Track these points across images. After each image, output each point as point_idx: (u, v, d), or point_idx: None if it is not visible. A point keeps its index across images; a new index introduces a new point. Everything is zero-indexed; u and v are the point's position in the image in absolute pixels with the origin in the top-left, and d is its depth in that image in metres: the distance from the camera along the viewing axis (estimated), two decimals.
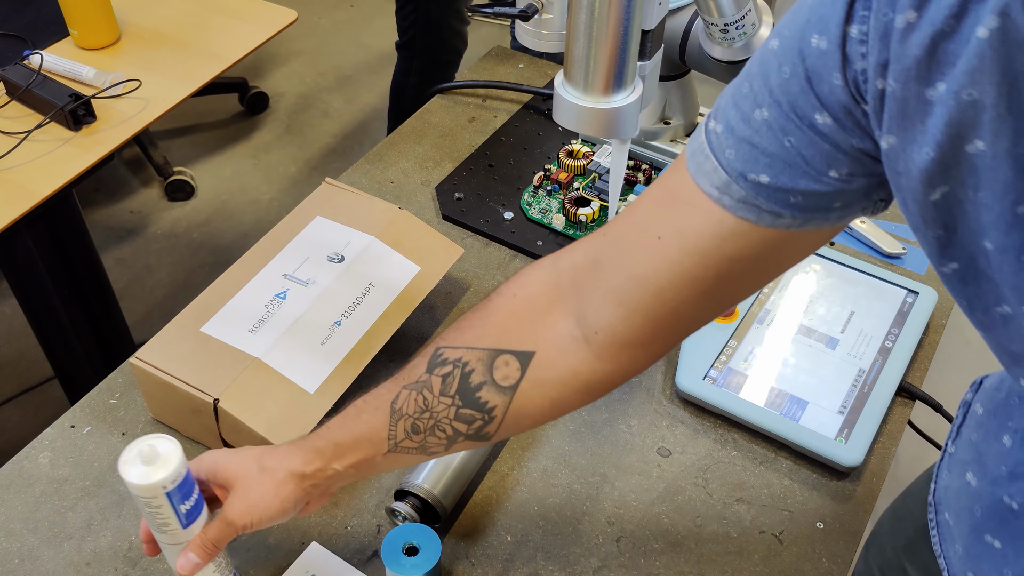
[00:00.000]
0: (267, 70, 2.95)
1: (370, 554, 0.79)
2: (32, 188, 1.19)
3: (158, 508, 0.64)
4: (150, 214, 2.45)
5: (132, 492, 0.63)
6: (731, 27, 0.97)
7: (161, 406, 0.87)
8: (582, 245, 0.63)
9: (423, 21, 1.98)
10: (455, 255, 0.98)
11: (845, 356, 0.93)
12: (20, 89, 1.28)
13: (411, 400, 0.65)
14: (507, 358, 0.63)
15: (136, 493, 0.63)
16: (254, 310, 0.88)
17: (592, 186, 1.14)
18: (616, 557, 0.80)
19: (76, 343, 1.52)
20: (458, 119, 1.28)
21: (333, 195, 1.01)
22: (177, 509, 0.65)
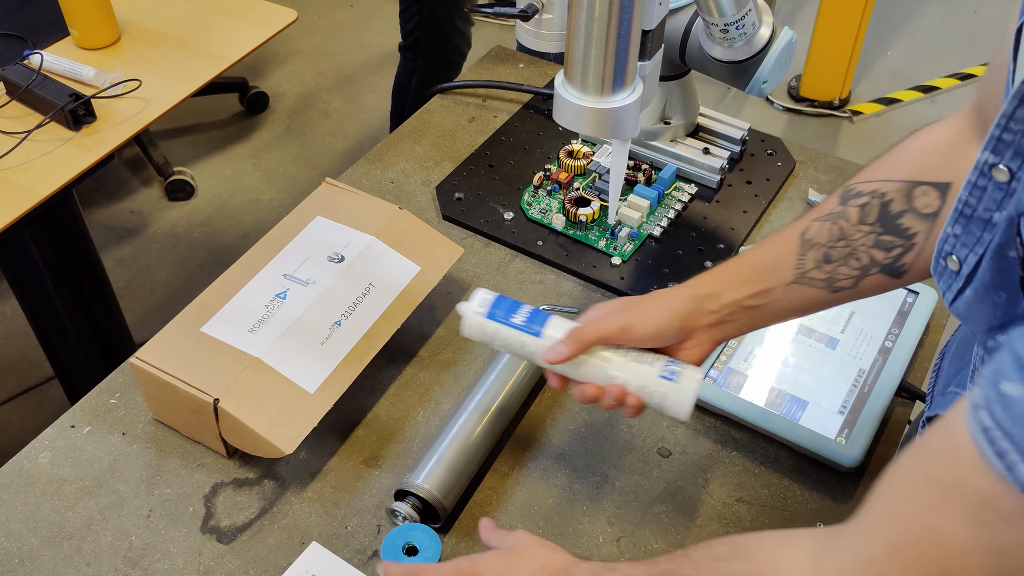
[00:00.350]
0: (267, 70, 2.95)
1: (370, 554, 0.79)
2: (32, 188, 1.19)
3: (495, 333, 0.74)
4: (150, 214, 2.45)
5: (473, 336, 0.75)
6: (731, 27, 0.97)
7: (161, 406, 0.87)
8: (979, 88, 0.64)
9: (428, 23, 1.98)
10: (455, 255, 0.98)
11: (845, 356, 0.93)
12: (20, 89, 1.28)
13: (824, 230, 0.68)
14: (925, 188, 0.65)
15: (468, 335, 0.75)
16: (254, 310, 0.88)
17: (592, 186, 1.14)
18: (616, 557, 0.80)
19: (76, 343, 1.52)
20: (458, 119, 1.28)
21: (333, 195, 1.01)
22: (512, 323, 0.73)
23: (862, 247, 0.67)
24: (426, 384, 0.93)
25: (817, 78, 2.78)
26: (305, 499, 0.83)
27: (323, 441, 0.88)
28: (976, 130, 0.65)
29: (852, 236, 0.67)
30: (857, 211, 0.67)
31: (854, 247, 0.67)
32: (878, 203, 0.67)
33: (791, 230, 0.70)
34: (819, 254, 0.68)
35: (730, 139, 1.18)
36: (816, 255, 0.68)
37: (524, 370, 0.89)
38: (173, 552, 0.79)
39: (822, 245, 0.68)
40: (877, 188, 0.67)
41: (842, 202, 0.68)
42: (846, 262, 0.68)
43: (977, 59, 3.01)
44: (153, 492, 0.83)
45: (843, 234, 0.68)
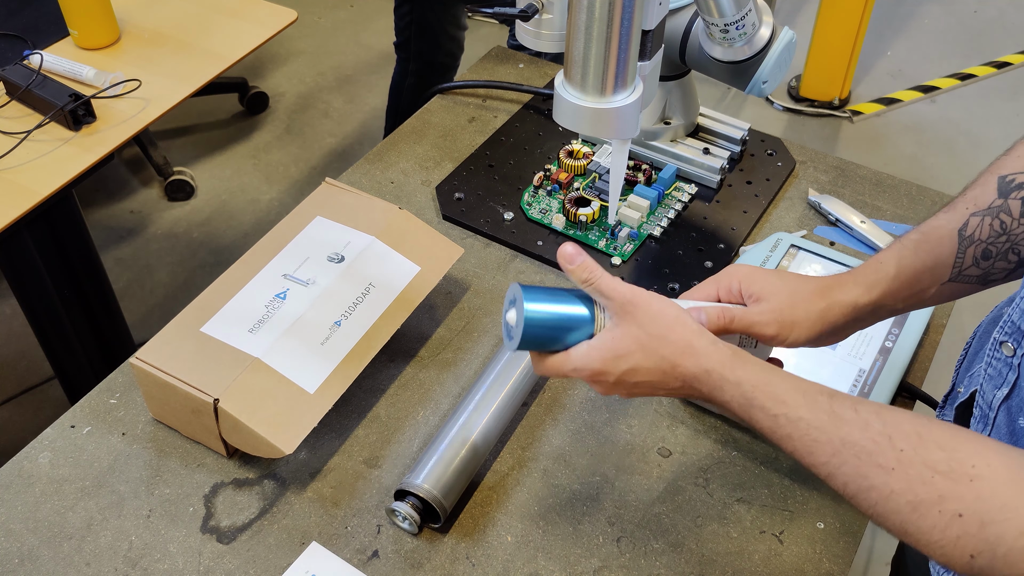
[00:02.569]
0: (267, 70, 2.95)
1: (371, 554, 0.79)
2: (32, 188, 1.19)
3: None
4: (150, 214, 2.45)
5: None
6: (731, 27, 0.97)
7: (161, 406, 0.87)
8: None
9: (418, 23, 1.98)
10: (455, 255, 0.98)
11: (845, 356, 0.93)
12: (20, 89, 1.28)
13: (985, 225, 0.65)
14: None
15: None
16: (254, 310, 0.88)
17: (592, 186, 1.14)
18: (617, 557, 0.80)
19: (76, 343, 1.52)
20: (458, 119, 1.28)
21: (333, 195, 1.01)
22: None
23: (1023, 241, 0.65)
24: (426, 384, 0.94)
25: (817, 78, 2.78)
26: (305, 499, 0.83)
27: (323, 441, 0.88)
28: None
29: (1014, 231, 0.65)
30: (1020, 204, 0.65)
31: (1015, 242, 0.65)
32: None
33: (947, 226, 0.67)
34: (978, 250, 0.66)
35: (730, 139, 1.18)
36: (975, 252, 0.66)
37: (524, 370, 0.89)
38: (173, 552, 0.79)
39: (982, 241, 0.66)
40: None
41: (1002, 194, 0.65)
42: (1004, 257, 0.66)
43: (977, 59, 3.01)
44: (153, 492, 0.83)
45: (1004, 229, 0.65)
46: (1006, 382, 0.62)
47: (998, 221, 0.65)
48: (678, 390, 0.64)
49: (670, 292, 1.02)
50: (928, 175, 2.53)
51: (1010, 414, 0.61)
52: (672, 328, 0.63)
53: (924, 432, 0.55)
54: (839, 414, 0.57)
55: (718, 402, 0.62)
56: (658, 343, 0.63)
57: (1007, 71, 2.97)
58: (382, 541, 0.80)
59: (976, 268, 0.67)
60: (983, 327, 0.80)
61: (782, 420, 0.59)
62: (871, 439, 0.55)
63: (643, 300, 0.64)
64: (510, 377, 0.88)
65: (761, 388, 0.60)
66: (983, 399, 0.65)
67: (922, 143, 2.70)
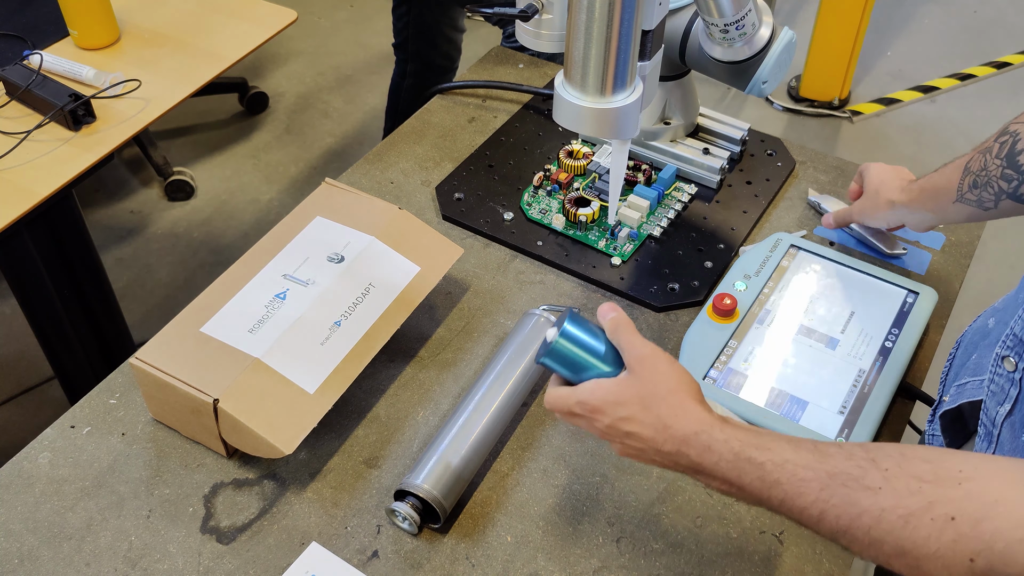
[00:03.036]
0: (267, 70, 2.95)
1: (370, 554, 0.79)
2: (32, 188, 1.19)
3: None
4: (150, 214, 2.45)
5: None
6: (731, 27, 0.97)
7: (161, 406, 0.87)
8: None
9: (416, 24, 1.98)
10: (455, 255, 0.98)
11: (845, 356, 0.93)
12: (20, 89, 1.28)
13: (977, 160, 0.83)
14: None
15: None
16: (254, 310, 0.88)
17: (592, 186, 1.14)
18: (616, 558, 0.80)
19: (76, 343, 1.52)
20: (458, 119, 1.28)
21: (333, 195, 1.01)
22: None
23: (994, 177, 0.81)
24: (426, 384, 0.93)
25: (817, 78, 2.78)
26: (305, 499, 0.83)
27: (323, 441, 0.88)
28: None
29: (990, 168, 0.81)
30: (997, 146, 0.81)
31: (990, 176, 0.81)
32: (1011, 140, 0.80)
33: (964, 159, 0.85)
34: (971, 180, 0.83)
35: (730, 139, 1.18)
36: (970, 180, 0.83)
37: (524, 370, 0.89)
38: (173, 552, 0.79)
39: (973, 172, 0.83)
40: (1018, 129, 0.79)
41: (996, 137, 0.82)
42: (987, 188, 0.82)
43: (977, 59, 3.01)
44: (153, 492, 0.83)
45: (986, 165, 0.82)
46: (1008, 398, 0.62)
47: (983, 158, 0.82)
48: (669, 455, 0.64)
49: (670, 292, 1.02)
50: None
51: (1014, 430, 0.61)
52: (673, 391, 0.65)
53: (907, 450, 0.55)
54: (823, 450, 0.58)
55: (707, 467, 0.62)
56: (656, 402, 0.64)
57: (1007, 71, 2.97)
58: (382, 541, 0.80)
59: (971, 193, 0.84)
60: (967, 337, 0.80)
61: (769, 466, 0.59)
62: (856, 465, 0.56)
63: (651, 360, 0.66)
64: (510, 377, 0.88)
65: (748, 441, 0.61)
66: (986, 416, 0.65)
67: (922, 143, 2.70)
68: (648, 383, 0.65)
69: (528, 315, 0.94)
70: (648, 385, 0.65)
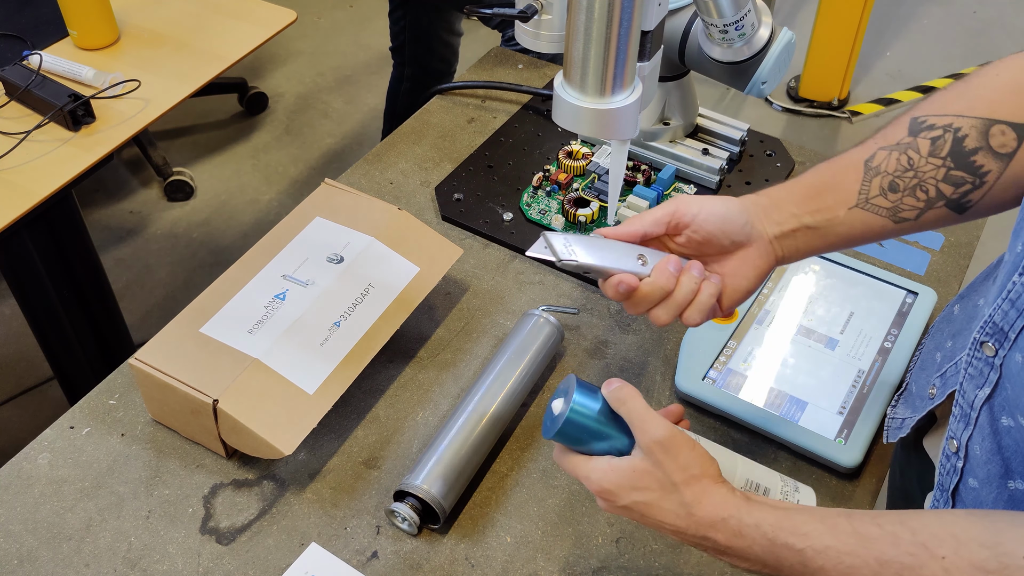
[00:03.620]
0: (266, 70, 2.95)
1: (370, 554, 0.79)
2: (31, 188, 1.19)
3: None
4: (149, 214, 2.45)
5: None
6: (730, 28, 0.97)
7: (160, 407, 0.87)
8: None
9: (412, 29, 1.98)
10: (454, 256, 0.98)
11: (844, 357, 0.93)
12: (19, 89, 1.28)
13: (892, 159, 0.67)
14: (1003, 127, 0.65)
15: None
16: (253, 311, 0.88)
17: (591, 187, 1.14)
18: (616, 558, 0.80)
19: (75, 343, 1.52)
20: (457, 120, 1.28)
21: (332, 196, 1.01)
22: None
23: (931, 180, 0.67)
24: (425, 385, 0.94)
25: (816, 79, 2.78)
26: (304, 500, 0.83)
27: (322, 442, 0.88)
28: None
29: (921, 168, 0.67)
30: (928, 144, 0.67)
31: (922, 179, 0.67)
32: (951, 137, 0.66)
33: (853, 156, 0.69)
34: (885, 182, 0.68)
35: (729, 140, 1.18)
36: (882, 183, 0.68)
37: (524, 370, 0.89)
38: (172, 553, 0.79)
39: (888, 174, 0.68)
40: (952, 123, 0.67)
41: (911, 133, 0.68)
42: (912, 193, 0.68)
43: (976, 59, 3.01)
44: (152, 493, 0.83)
45: (912, 165, 0.67)
46: (988, 382, 0.62)
47: (905, 156, 0.67)
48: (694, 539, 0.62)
49: None
50: None
51: (992, 413, 0.62)
52: (696, 477, 0.62)
53: (959, 532, 0.53)
54: (864, 533, 0.56)
55: (738, 550, 0.60)
56: (678, 488, 0.62)
57: None
58: (381, 542, 0.80)
59: (884, 199, 0.68)
60: (934, 328, 0.80)
61: (809, 552, 0.57)
62: (907, 552, 0.53)
63: (674, 446, 0.63)
64: (509, 378, 0.88)
65: (780, 525, 0.59)
66: (963, 399, 0.65)
67: None
68: (668, 470, 0.62)
69: (527, 315, 0.94)
70: (668, 472, 0.62)
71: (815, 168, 0.71)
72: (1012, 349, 0.59)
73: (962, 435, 0.65)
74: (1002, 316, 0.60)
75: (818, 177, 0.70)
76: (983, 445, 0.63)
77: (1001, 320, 0.60)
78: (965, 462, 0.65)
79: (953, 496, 0.66)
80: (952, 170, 0.66)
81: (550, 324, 0.93)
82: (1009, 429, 0.60)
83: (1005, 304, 0.60)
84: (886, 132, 0.69)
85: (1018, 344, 0.58)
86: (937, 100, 0.68)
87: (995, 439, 0.61)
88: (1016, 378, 0.58)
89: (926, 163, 0.67)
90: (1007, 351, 0.60)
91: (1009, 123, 0.65)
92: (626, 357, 0.96)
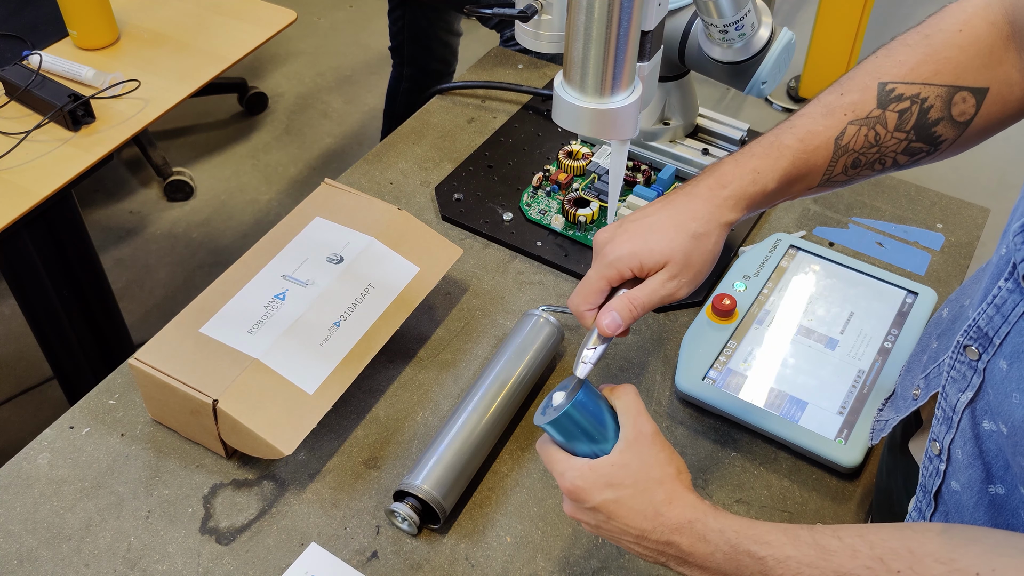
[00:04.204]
0: (266, 70, 2.95)
1: (370, 554, 0.79)
2: (31, 188, 1.19)
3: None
4: (149, 214, 2.45)
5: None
6: (730, 28, 0.97)
7: (160, 407, 0.87)
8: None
9: (411, 29, 1.98)
10: (454, 256, 0.98)
11: (844, 357, 0.93)
12: (19, 89, 1.28)
13: (861, 136, 0.67)
14: (964, 95, 0.66)
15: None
16: (253, 311, 0.88)
17: (591, 187, 1.14)
18: (616, 559, 0.80)
19: (75, 343, 1.52)
20: (457, 120, 1.28)
21: (332, 196, 1.01)
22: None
23: (891, 153, 0.68)
24: (425, 385, 0.93)
25: (816, 79, 2.78)
26: (304, 500, 0.83)
27: (322, 442, 0.88)
28: (1013, 31, 0.66)
29: (886, 142, 0.67)
30: (896, 117, 0.67)
31: (884, 153, 0.68)
32: (918, 109, 0.67)
33: (824, 133, 0.68)
34: (849, 160, 0.68)
35: (729, 140, 1.18)
36: (847, 160, 0.68)
37: (524, 370, 0.89)
38: (172, 553, 0.79)
39: (855, 151, 0.68)
40: (919, 92, 0.67)
41: (880, 104, 0.67)
42: (871, 166, 0.68)
43: None
44: (152, 493, 0.83)
45: (878, 140, 0.67)
46: (971, 386, 0.62)
47: (873, 132, 0.67)
48: (656, 545, 0.62)
49: None
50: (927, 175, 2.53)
51: (974, 417, 0.61)
52: (671, 477, 0.63)
53: (916, 547, 0.53)
54: (824, 545, 0.56)
55: (699, 557, 0.60)
56: (653, 487, 0.62)
57: None
58: (381, 542, 0.80)
59: (844, 175, 0.69)
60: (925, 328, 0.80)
61: (770, 562, 0.57)
62: (863, 566, 0.54)
63: (660, 442, 0.63)
64: (509, 378, 0.88)
65: (744, 532, 0.59)
66: (946, 402, 0.64)
67: None
68: (648, 464, 0.62)
69: (527, 316, 0.94)
70: (648, 466, 0.62)
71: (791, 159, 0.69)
72: (996, 355, 0.59)
73: (944, 438, 0.64)
74: (987, 321, 0.60)
75: (793, 164, 0.69)
76: (964, 449, 0.63)
77: (986, 325, 0.60)
78: (947, 465, 0.65)
79: (935, 499, 0.66)
80: (913, 142, 0.67)
81: (550, 324, 0.93)
82: (991, 433, 0.59)
83: (990, 309, 0.59)
84: (854, 100, 0.68)
85: (1003, 350, 0.58)
86: (905, 61, 0.67)
87: (976, 443, 0.61)
88: (999, 384, 0.57)
89: (891, 137, 0.67)
90: (991, 356, 0.59)
91: (971, 88, 0.66)
92: (626, 357, 0.96)
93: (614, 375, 0.94)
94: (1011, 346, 0.57)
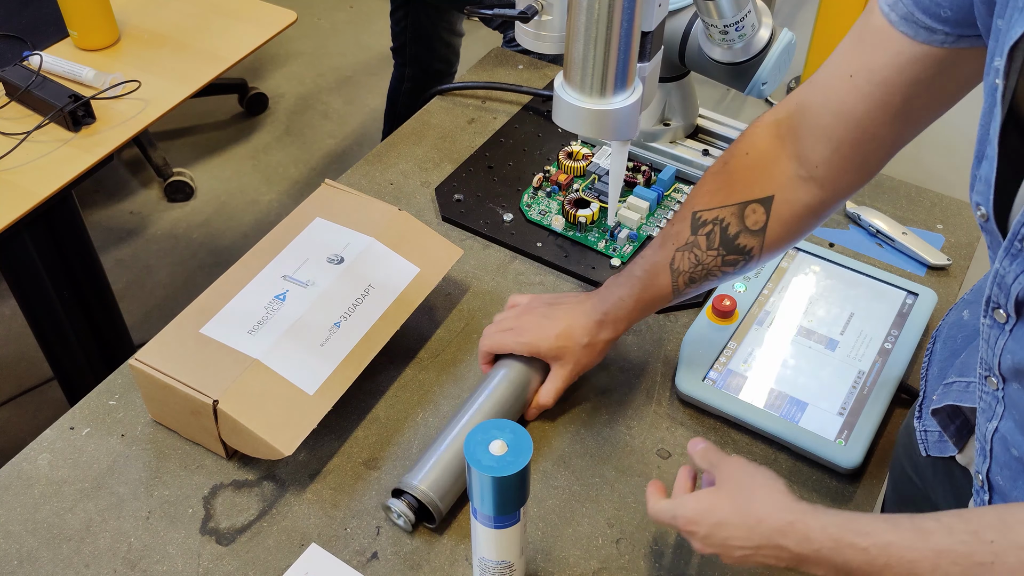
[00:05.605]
0: (267, 71, 2.95)
1: (370, 555, 0.79)
2: (32, 189, 1.19)
3: None
4: (150, 215, 2.45)
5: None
6: (731, 29, 0.97)
7: (160, 408, 0.87)
8: (793, 96, 0.75)
9: (413, 29, 1.98)
10: (455, 256, 0.98)
11: (845, 357, 0.93)
12: (20, 90, 1.28)
13: (686, 259, 0.81)
14: (754, 207, 0.77)
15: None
16: (253, 311, 0.88)
17: (592, 187, 1.14)
18: (616, 559, 0.80)
19: (75, 344, 1.52)
20: (458, 120, 1.28)
21: (333, 196, 1.01)
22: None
23: (714, 267, 0.80)
24: (425, 385, 0.93)
25: None
26: (304, 500, 0.83)
27: (322, 442, 0.88)
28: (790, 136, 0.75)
29: (705, 261, 0.80)
30: (705, 239, 0.79)
31: (708, 268, 0.81)
32: (719, 229, 0.79)
33: (663, 261, 0.82)
34: (686, 279, 0.82)
35: (729, 140, 1.18)
36: (684, 279, 0.82)
37: (524, 372, 0.89)
38: (172, 554, 0.79)
39: (686, 272, 0.81)
40: (718, 215, 0.79)
41: (693, 231, 0.80)
42: (706, 279, 0.82)
43: None
44: (152, 494, 0.83)
45: (699, 260, 0.80)
46: (996, 415, 0.63)
47: (692, 255, 0.80)
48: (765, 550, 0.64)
49: None
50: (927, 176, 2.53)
51: (1005, 444, 0.63)
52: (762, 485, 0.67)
53: (1006, 515, 0.55)
54: (922, 527, 0.58)
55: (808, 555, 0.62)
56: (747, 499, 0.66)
57: None
58: (381, 542, 0.80)
59: (689, 289, 0.83)
60: (943, 331, 0.80)
61: (874, 551, 0.59)
62: (960, 541, 0.55)
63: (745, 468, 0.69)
64: (510, 379, 0.88)
65: (845, 526, 0.61)
66: (980, 431, 0.66)
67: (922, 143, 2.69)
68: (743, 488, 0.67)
69: None
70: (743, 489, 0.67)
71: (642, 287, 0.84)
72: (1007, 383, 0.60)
73: (982, 467, 0.66)
74: (992, 356, 0.61)
75: (648, 292, 0.84)
76: (1004, 474, 0.64)
77: (991, 360, 0.61)
78: (991, 494, 0.66)
79: None
80: (726, 256, 0.79)
81: None
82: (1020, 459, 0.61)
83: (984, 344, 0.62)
84: (676, 231, 0.81)
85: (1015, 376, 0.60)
86: (709, 191, 0.79)
87: (1012, 467, 0.63)
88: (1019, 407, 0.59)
89: (707, 256, 0.80)
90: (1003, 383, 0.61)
91: (759, 200, 0.77)
92: (626, 358, 0.96)
93: (614, 375, 0.94)
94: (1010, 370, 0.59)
